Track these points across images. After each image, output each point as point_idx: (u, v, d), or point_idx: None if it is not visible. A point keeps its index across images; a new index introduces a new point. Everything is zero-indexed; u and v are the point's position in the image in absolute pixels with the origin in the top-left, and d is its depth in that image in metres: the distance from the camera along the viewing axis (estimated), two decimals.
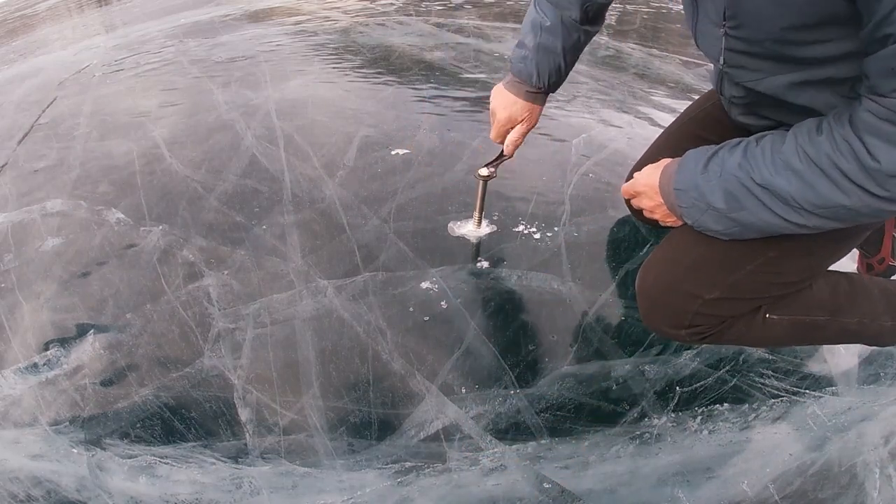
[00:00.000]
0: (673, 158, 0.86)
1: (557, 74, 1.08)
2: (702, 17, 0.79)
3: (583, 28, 1.03)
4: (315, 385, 1.07)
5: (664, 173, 0.85)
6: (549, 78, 1.08)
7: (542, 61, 1.06)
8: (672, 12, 3.21)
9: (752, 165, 0.72)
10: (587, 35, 1.06)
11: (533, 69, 1.06)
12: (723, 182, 0.75)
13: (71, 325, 1.22)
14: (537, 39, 1.04)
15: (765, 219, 0.74)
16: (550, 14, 1.02)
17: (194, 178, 1.63)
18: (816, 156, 0.67)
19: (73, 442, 1.01)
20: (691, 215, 0.81)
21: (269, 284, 1.28)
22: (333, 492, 0.92)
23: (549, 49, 1.04)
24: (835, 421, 1.02)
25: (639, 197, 0.91)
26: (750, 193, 0.73)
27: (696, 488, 0.92)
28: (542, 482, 0.93)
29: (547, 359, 1.11)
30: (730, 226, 0.78)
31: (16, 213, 1.57)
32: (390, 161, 1.66)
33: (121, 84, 2.35)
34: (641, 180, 0.89)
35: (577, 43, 1.06)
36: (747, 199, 0.74)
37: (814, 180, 0.67)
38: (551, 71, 1.07)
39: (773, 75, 0.76)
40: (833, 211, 0.69)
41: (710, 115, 1.07)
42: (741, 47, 0.75)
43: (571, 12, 1.01)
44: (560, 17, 1.01)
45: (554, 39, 1.03)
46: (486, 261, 1.31)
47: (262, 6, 3.39)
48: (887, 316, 0.97)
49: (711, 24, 0.77)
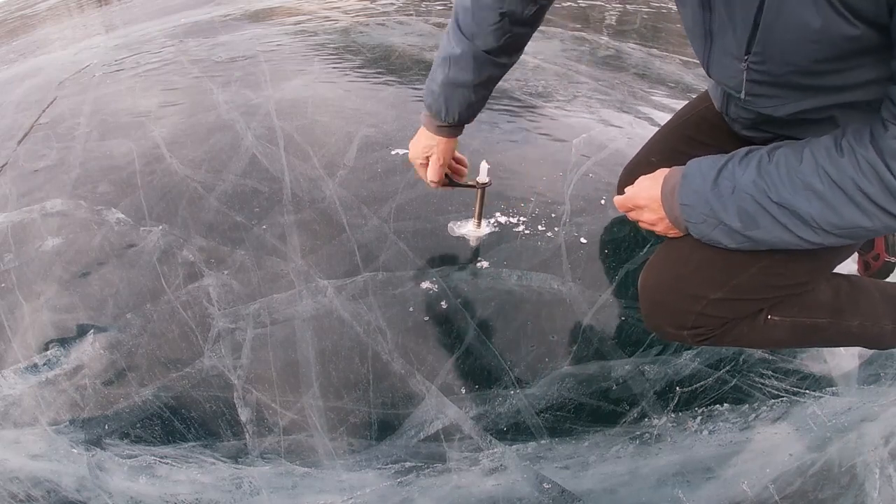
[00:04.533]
0: (670, 168, 0.83)
1: (468, 110, 1.02)
2: (717, 50, 0.77)
3: (496, 60, 0.96)
4: (315, 385, 1.07)
5: (666, 185, 0.82)
6: (460, 114, 1.02)
7: (451, 97, 1.00)
8: (672, 12, 3.21)
9: (768, 183, 0.70)
10: (501, 68, 0.99)
11: (441, 105, 1.01)
12: (737, 200, 0.73)
13: (71, 325, 1.22)
14: (446, 74, 0.98)
15: (779, 236, 0.73)
16: (462, 45, 0.94)
17: (194, 178, 1.63)
18: (840, 178, 0.66)
19: (73, 442, 1.01)
20: (700, 231, 0.79)
21: (269, 284, 1.27)
22: (333, 492, 0.92)
23: (457, 84, 0.98)
24: (835, 421, 1.02)
25: (638, 210, 0.88)
26: (766, 212, 0.72)
27: (696, 488, 0.92)
28: (542, 482, 0.93)
29: (547, 359, 1.11)
30: (741, 241, 0.77)
31: (16, 213, 1.57)
32: (390, 161, 1.66)
33: (121, 84, 2.35)
34: (642, 193, 0.86)
35: (491, 77, 0.99)
36: (763, 217, 0.72)
37: (836, 202, 0.67)
38: (461, 107, 1.01)
39: (792, 102, 0.75)
40: (851, 231, 0.69)
41: (705, 119, 1.07)
42: (763, 79, 0.74)
43: (486, 44, 0.93)
44: (471, 49, 0.94)
45: (464, 74, 0.96)
46: (486, 261, 1.31)
47: (262, 6, 3.39)
48: (888, 319, 0.97)
49: (731, 57, 0.75)
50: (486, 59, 0.95)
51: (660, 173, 0.84)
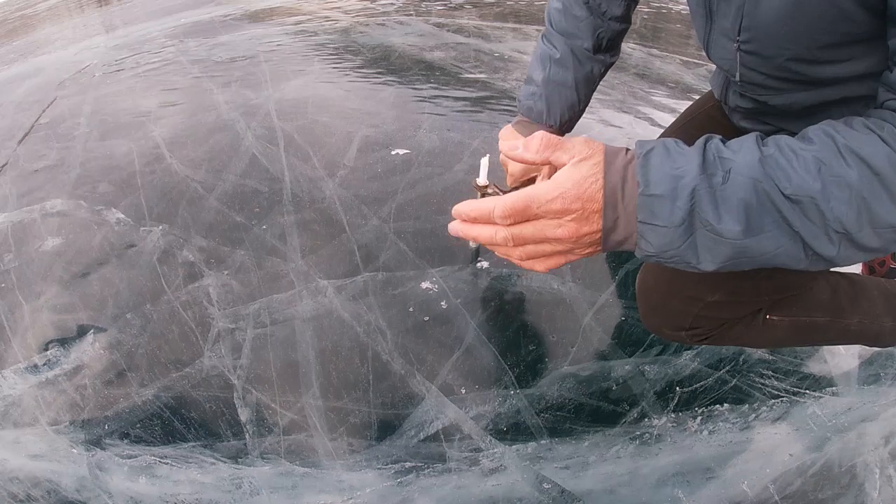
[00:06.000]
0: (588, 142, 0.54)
1: (571, 111, 0.98)
2: (716, 30, 0.77)
3: (596, 58, 0.95)
4: (315, 385, 1.07)
5: (611, 171, 0.52)
6: (561, 115, 0.97)
7: (552, 97, 0.96)
8: (672, 12, 3.21)
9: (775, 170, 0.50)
10: (602, 66, 0.97)
11: (543, 106, 0.97)
12: (735, 189, 0.49)
13: (71, 325, 1.22)
14: (546, 73, 0.95)
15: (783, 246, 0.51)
16: (560, 45, 0.94)
17: (194, 178, 1.63)
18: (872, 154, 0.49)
19: (73, 442, 1.01)
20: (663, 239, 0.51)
21: (269, 284, 1.28)
22: (333, 492, 0.92)
23: (560, 83, 0.95)
24: (835, 421, 1.02)
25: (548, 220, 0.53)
26: (773, 208, 0.50)
27: (696, 488, 0.92)
28: (542, 482, 0.93)
29: (547, 359, 1.11)
30: (724, 258, 0.51)
31: (16, 213, 1.57)
32: (390, 161, 1.66)
33: (121, 84, 2.35)
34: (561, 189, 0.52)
35: (591, 75, 0.97)
36: (768, 215, 0.50)
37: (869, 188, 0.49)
38: (563, 107, 0.97)
39: (786, 93, 0.74)
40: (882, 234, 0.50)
41: (712, 118, 1.07)
42: (755, 64, 0.73)
43: (583, 42, 0.93)
44: (570, 48, 0.93)
45: (565, 72, 0.94)
46: (486, 261, 1.31)
47: (262, 6, 3.39)
48: (888, 317, 0.97)
49: (726, 38, 0.74)
50: (585, 55, 0.94)
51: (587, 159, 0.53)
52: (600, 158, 0.53)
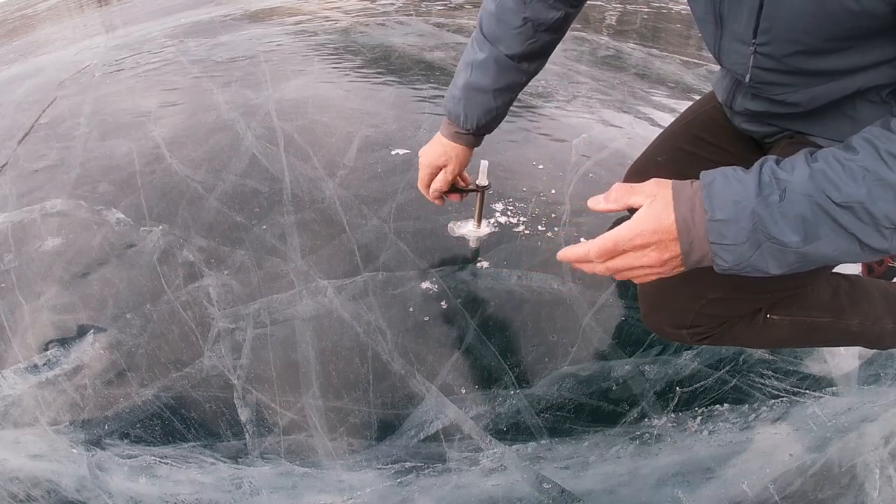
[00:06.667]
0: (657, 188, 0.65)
1: (488, 116, 1.00)
2: (728, 35, 0.76)
3: (520, 66, 0.94)
4: (315, 385, 1.07)
5: (680, 205, 0.62)
6: (478, 121, 1.00)
7: (470, 102, 0.97)
8: (672, 12, 3.21)
9: (825, 182, 0.57)
10: (525, 75, 0.97)
11: (461, 110, 0.98)
12: (791, 206, 0.57)
13: (71, 325, 1.22)
14: (467, 78, 0.96)
15: (840, 247, 0.59)
16: (485, 50, 0.93)
17: (194, 178, 1.63)
18: None
19: (73, 442, 1.01)
20: (737, 254, 0.60)
21: (269, 284, 1.28)
22: (333, 492, 0.92)
23: (478, 89, 0.96)
24: (835, 421, 1.02)
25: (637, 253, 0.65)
26: (828, 217, 0.57)
27: (696, 488, 0.92)
28: (542, 482, 0.93)
29: (547, 359, 1.11)
30: (791, 263, 0.60)
31: (16, 213, 1.57)
32: (390, 161, 1.66)
33: (121, 84, 2.35)
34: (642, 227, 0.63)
35: (512, 84, 0.96)
36: (824, 224, 0.57)
37: None
38: (480, 113, 0.99)
39: (801, 88, 0.74)
40: None
41: (713, 119, 1.06)
42: (769, 64, 0.73)
43: (509, 49, 0.92)
44: (494, 56, 0.93)
45: (484, 78, 0.95)
46: (486, 261, 1.31)
47: (262, 6, 3.39)
48: (888, 318, 0.97)
49: (739, 42, 0.74)
50: (507, 63, 0.93)
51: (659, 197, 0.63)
52: (668, 194, 0.63)
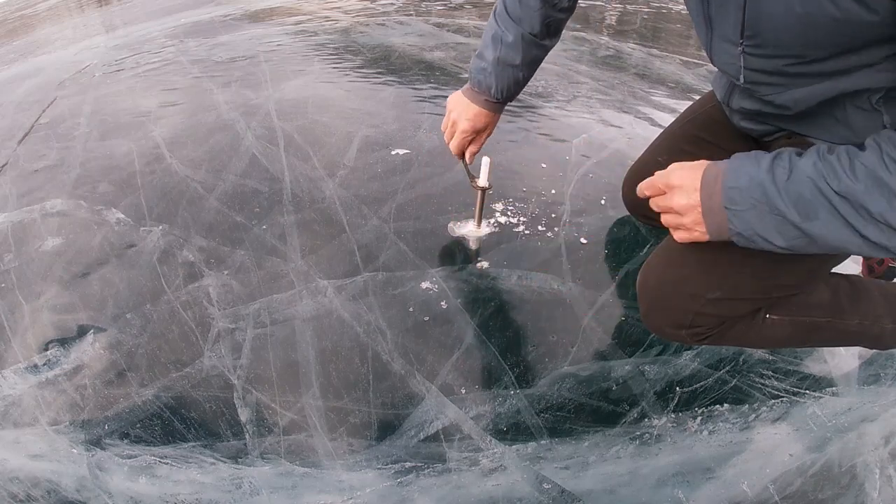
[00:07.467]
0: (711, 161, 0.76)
1: (516, 87, 1.13)
2: (717, 36, 0.78)
3: (542, 43, 1.08)
4: (315, 385, 1.07)
5: (708, 171, 0.74)
6: (506, 90, 1.12)
7: (500, 74, 1.10)
8: (672, 12, 3.22)
9: (828, 171, 0.64)
10: (545, 50, 1.10)
11: (492, 81, 1.11)
12: (795, 185, 0.66)
13: (71, 325, 1.22)
14: (497, 53, 1.08)
15: (838, 232, 0.65)
16: (512, 30, 1.06)
17: (194, 178, 1.63)
18: None
19: (73, 442, 1.01)
20: (745, 220, 0.70)
21: (269, 284, 1.28)
22: (333, 492, 0.92)
23: (508, 63, 1.08)
24: (835, 421, 1.02)
25: (669, 194, 0.78)
26: (826, 201, 0.64)
27: (696, 488, 0.92)
28: (542, 482, 0.93)
29: (547, 359, 1.11)
30: (794, 238, 0.68)
31: (16, 213, 1.57)
32: (390, 161, 1.66)
33: (121, 84, 2.35)
34: (677, 173, 0.77)
35: (536, 57, 1.10)
36: (822, 207, 0.65)
37: None
38: (510, 84, 1.11)
39: (787, 89, 0.76)
40: None
41: (713, 119, 1.07)
42: (759, 65, 0.75)
43: (532, 28, 1.04)
44: (521, 34, 1.05)
45: (514, 55, 1.07)
46: (486, 261, 1.31)
47: (262, 6, 3.39)
48: (888, 318, 0.97)
49: (728, 43, 0.76)
50: (532, 40, 1.06)
51: (700, 162, 0.77)
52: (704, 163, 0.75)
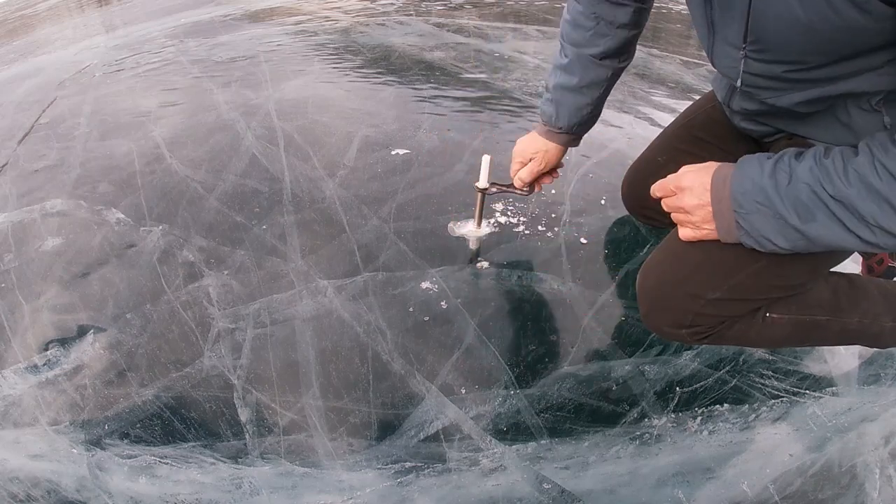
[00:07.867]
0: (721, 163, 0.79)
1: (579, 114, 1.06)
2: (719, 40, 0.79)
3: (602, 63, 1.01)
4: (315, 385, 1.07)
5: (717, 173, 0.77)
6: (569, 119, 1.07)
7: (560, 101, 1.05)
8: (672, 12, 3.21)
9: (823, 175, 0.67)
10: (609, 70, 1.03)
11: (552, 109, 1.07)
12: (794, 190, 0.69)
13: (71, 325, 1.22)
14: (556, 79, 1.04)
15: (835, 233, 0.68)
16: (570, 53, 1.01)
17: (194, 178, 1.63)
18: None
19: (73, 442, 1.01)
20: (751, 223, 0.73)
21: (269, 284, 1.27)
22: (333, 492, 0.92)
23: (565, 88, 1.04)
24: (835, 421, 1.02)
25: (679, 194, 0.80)
26: (822, 205, 0.68)
27: (696, 488, 0.92)
28: (542, 482, 0.93)
29: (547, 359, 1.11)
30: (796, 240, 0.72)
31: (16, 213, 1.57)
32: (390, 161, 1.66)
33: (121, 84, 2.35)
34: (688, 175, 0.79)
35: (598, 80, 1.03)
36: (819, 210, 0.68)
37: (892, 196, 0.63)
38: (571, 110, 1.06)
39: (791, 92, 0.77)
40: None
41: (712, 119, 1.07)
42: (760, 69, 0.76)
43: (590, 49, 0.99)
44: (577, 55, 1.00)
45: (570, 77, 1.02)
46: (486, 261, 1.31)
47: (262, 6, 3.39)
48: (887, 317, 0.97)
49: (730, 46, 0.77)
50: (589, 61, 1.01)
51: (709, 164, 0.79)
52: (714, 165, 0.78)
